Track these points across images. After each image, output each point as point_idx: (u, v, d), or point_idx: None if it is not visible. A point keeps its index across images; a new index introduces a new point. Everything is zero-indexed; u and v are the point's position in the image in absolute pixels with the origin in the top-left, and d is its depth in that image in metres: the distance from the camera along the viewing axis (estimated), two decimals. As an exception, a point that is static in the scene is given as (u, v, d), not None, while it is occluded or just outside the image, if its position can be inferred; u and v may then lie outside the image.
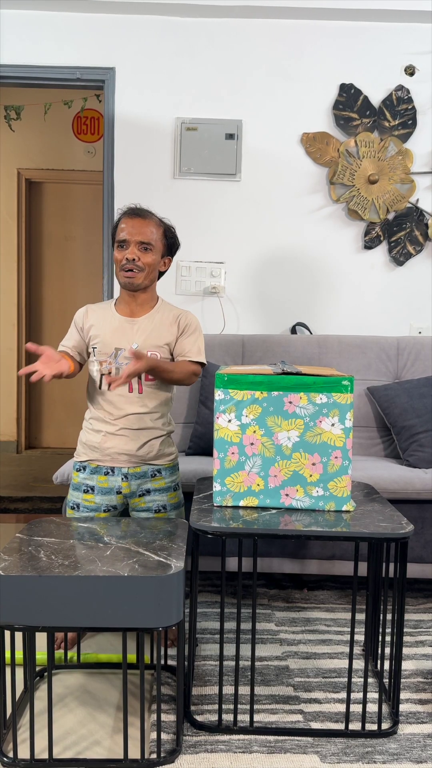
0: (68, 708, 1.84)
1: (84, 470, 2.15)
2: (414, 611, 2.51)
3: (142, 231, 2.09)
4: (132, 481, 2.13)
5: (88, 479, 2.14)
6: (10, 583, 1.53)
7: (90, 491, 2.13)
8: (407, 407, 2.79)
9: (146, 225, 2.11)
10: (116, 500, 2.14)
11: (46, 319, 5.45)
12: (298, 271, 3.30)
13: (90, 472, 2.14)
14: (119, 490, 2.13)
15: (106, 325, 2.14)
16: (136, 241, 2.09)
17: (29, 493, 4.13)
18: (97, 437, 2.12)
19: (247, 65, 3.21)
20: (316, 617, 2.44)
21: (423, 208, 3.26)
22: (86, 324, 2.17)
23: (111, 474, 2.12)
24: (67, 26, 3.17)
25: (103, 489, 2.13)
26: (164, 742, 1.67)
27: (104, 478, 2.13)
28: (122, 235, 2.10)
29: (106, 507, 2.14)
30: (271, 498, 1.83)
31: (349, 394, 1.79)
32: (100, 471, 2.13)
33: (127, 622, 1.54)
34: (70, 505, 2.18)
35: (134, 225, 2.10)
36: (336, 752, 1.66)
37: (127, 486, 2.12)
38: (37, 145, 5.20)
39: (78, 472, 2.16)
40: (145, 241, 2.09)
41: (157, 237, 2.12)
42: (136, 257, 2.08)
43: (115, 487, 2.12)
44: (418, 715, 1.83)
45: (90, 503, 2.13)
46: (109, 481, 2.12)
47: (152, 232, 2.11)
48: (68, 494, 2.21)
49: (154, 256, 2.11)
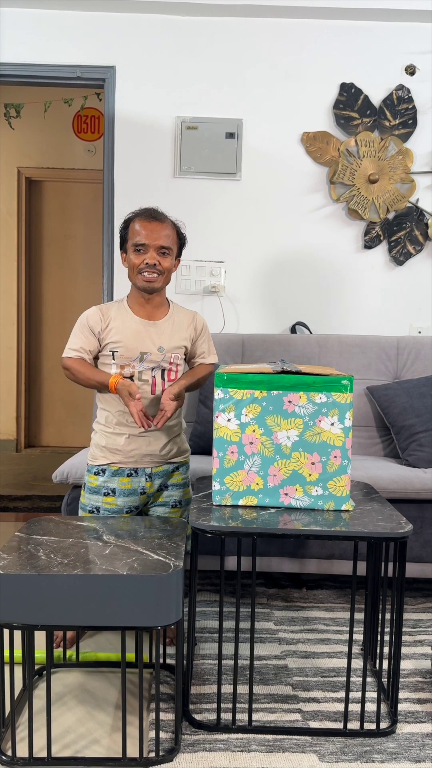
0: (67, 707, 1.84)
1: (103, 473, 2.12)
2: (413, 611, 2.52)
3: (161, 235, 2.07)
4: (155, 481, 2.15)
5: (108, 482, 2.12)
6: (9, 582, 1.53)
7: (111, 494, 2.12)
8: (407, 407, 2.79)
9: (164, 228, 2.09)
10: (139, 501, 2.15)
11: (46, 318, 5.44)
12: (298, 270, 3.30)
13: (111, 474, 2.12)
14: (143, 490, 2.14)
15: (126, 329, 2.10)
16: (156, 246, 2.07)
17: (29, 491, 4.13)
18: (120, 440, 2.11)
19: (248, 64, 3.21)
20: (315, 616, 2.44)
21: (423, 208, 3.25)
22: (103, 327, 2.10)
23: (134, 475, 2.12)
24: (68, 25, 3.17)
25: (126, 491, 2.12)
26: (163, 741, 1.67)
27: (127, 479, 2.12)
28: (140, 238, 2.06)
29: (128, 508, 2.14)
30: (270, 497, 1.83)
31: (349, 394, 1.79)
32: (122, 473, 2.12)
33: (126, 620, 1.54)
34: (88, 509, 2.14)
35: (153, 229, 2.07)
36: (334, 751, 1.66)
37: (150, 486, 2.15)
38: (37, 144, 5.20)
39: (96, 476, 2.13)
40: (165, 245, 2.08)
41: (173, 240, 2.12)
42: (156, 262, 2.07)
43: (138, 488, 2.13)
44: (416, 715, 1.83)
45: (111, 506, 2.12)
46: (132, 483, 2.12)
47: (169, 236, 2.10)
48: (82, 498, 2.17)
49: (171, 259, 2.11)
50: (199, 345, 2.24)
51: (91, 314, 2.13)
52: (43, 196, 5.39)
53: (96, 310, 2.14)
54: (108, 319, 2.11)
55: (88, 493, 2.16)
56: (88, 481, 2.17)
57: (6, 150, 5.17)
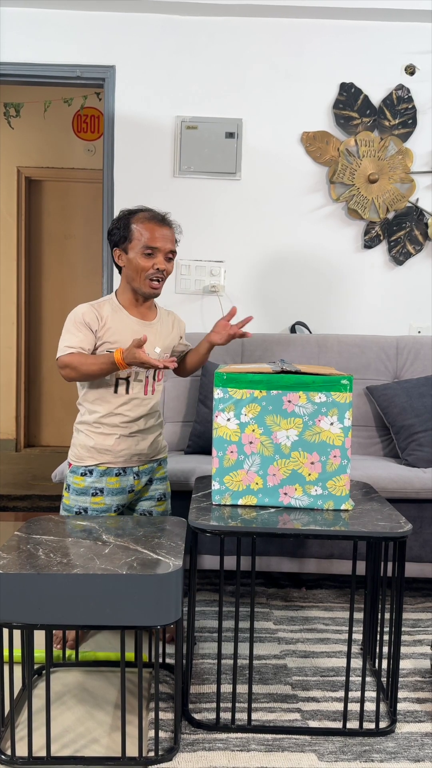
0: (66, 706, 1.84)
1: (91, 474, 2.11)
2: (412, 610, 2.52)
3: (170, 239, 2.08)
4: (143, 478, 2.18)
5: (96, 482, 2.11)
6: (9, 581, 1.53)
7: (99, 493, 2.11)
8: (406, 407, 2.79)
9: (172, 233, 2.10)
10: (128, 498, 2.16)
11: (46, 318, 5.44)
12: (297, 270, 3.30)
13: (99, 474, 2.11)
14: (131, 488, 2.16)
15: (125, 329, 2.08)
16: (166, 251, 2.07)
17: (28, 491, 4.13)
18: (110, 440, 2.10)
19: (248, 64, 3.21)
20: (314, 616, 2.45)
21: (423, 208, 3.26)
22: (101, 325, 2.05)
23: (123, 474, 2.13)
24: (68, 24, 3.17)
25: (114, 490, 2.12)
26: (162, 741, 1.67)
27: (115, 479, 2.12)
28: (152, 242, 2.03)
29: (116, 507, 2.14)
30: (269, 497, 1.83)
31: (348, 393, 1.79)
32: (110, 473, 2.12)
33: (126, 620, 1.54)
34: (76, 510, 2.11)
35: (164, 234, 2.06)
36: (334, 751, 1.67)
37: (138, 483, 2.17)
38: (37, 143, 5.19)
39: (83, 477, 2.11)
40: (173, 249, 2.09)
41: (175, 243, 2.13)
42: (165, 268, 2.07)
43: (127, 486, 2.14)
44: (415, 714, 1.84)
45: (100, 505, 2.12)
46: (120, 482, 2.13)
47: (173, 240, 2.10)
48: (67, 501, 2.14)
49: (173, 264, 2.12)
50: (184, 341, 2.32)
51: (87, 311, 2.05)
52: (43, 196, 5.39)
53: (89, 307, 2.06)
54: (104, 317, 2.06)
55: (74, 494, 2.12)
56: (73, 482, 2.12)
57: (6, 149, 5.17)
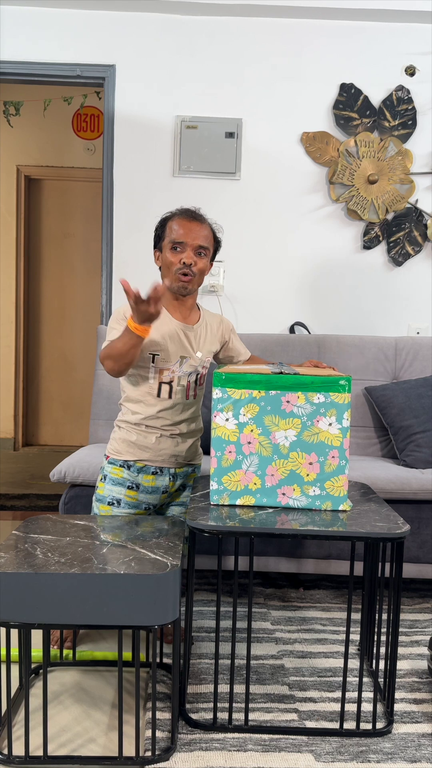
0: (63, 705, 1.84)
1: (129, 468, 2.12)
2: (409, 611, 2.52)
3: (200, 235, 2.06)
4: (177, 481, 2.17)
5: (134, 477, 2.12)
6: (6, 580, 1.53)
7: (135, 488, 2.12)
8: (405, 407, 2.79)
9: (203, 229, 2.08)
10: (160, 499, 2.16)
11: (45, 317, 5.44)
12: (296, 270, 3.30)
13: (136, 470, 2.12)
14: (165, 489, 2.15)
15: (167, 331, 2.07)
16: (194, 245, 2.05)
17: (26, 490, 4.12)
18: (152, 438, 2.11)
19: (248, 64, 3.21)
20: (311, 616, 2.45)
21: (422, 209, 3.26)
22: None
23: (159, 474, 2.13)
24: (68, 23, 3.17)
25: (149, 488, 2.13)
26: (159, 740, 1.67)
27: (151, 477, 2.13)
28: (178, 236, 2.04)
29: (147, 505, 2.14)
30: (267, 497, 1.83)
31: (347, 394, 1.79)
32: (147, 470, 2.12)
33: (123, 620, 1.54)
34: (109, 500, 2.11)
35: (192, 228, 2.06)
36: (330, 751, 1.67)
37: (173, 485, 2.17)
38: (37, 142, 5.19)
39: (121, 468, 2.12)
40: (204, 245, 2.07)
41: (210, 241, 2.11)
42: (192, 262, 2.05)
43: (161, 486, 2.14)
44: (412, 715, 1.84)
45: (133, 500, 2.12)
46: (156, 481, 2.13)
47: (207, 237, 2.08)
48: (101, 491, 2.13)
49: (206, 261, 2.10)
50: (235, 347, 2.29)
51: (128, 308, 2.00)
52: (43, 195, 5.38)
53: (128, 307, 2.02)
54: None
55: (110, 484, 2.12)
56: (111, 472, 2.13)
57: (5, 148, 5.16)
